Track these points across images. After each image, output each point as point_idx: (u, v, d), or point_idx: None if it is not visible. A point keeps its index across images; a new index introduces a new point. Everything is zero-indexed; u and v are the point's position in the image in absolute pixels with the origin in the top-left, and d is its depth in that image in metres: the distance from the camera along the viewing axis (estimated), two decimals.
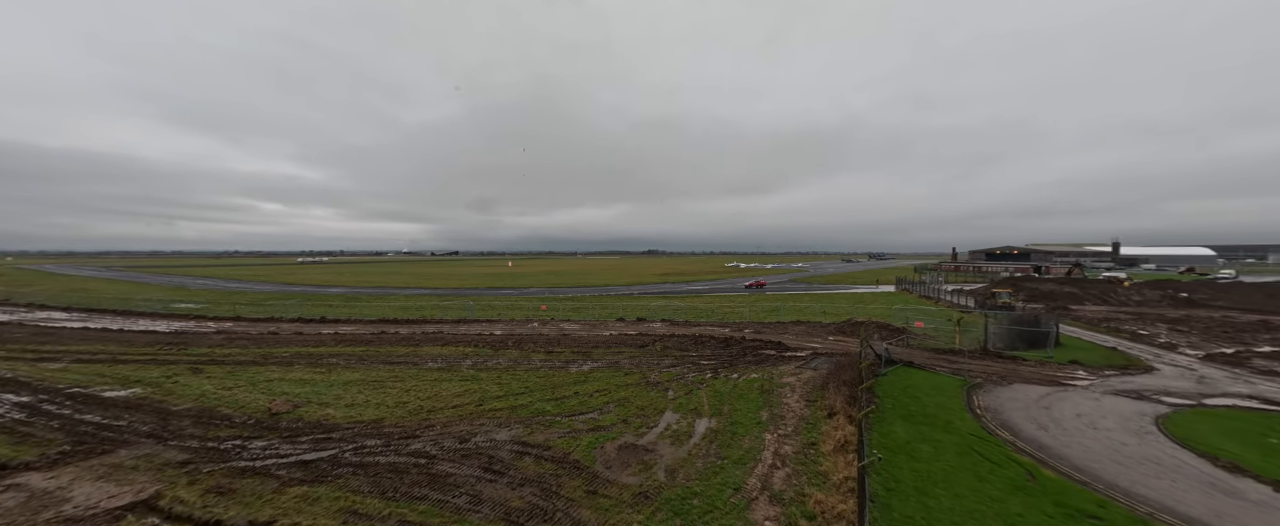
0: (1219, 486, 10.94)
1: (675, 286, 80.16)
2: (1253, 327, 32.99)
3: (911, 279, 77.12)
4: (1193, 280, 74.90)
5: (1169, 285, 64.18)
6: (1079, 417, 15.42)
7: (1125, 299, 51.16)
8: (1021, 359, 23.87)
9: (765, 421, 14.88)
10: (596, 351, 26.00)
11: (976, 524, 9.17)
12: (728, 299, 57.26)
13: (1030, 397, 17.57)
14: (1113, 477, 11.36)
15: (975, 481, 10.83)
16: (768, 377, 20.10)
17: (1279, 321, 35.64)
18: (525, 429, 14.32)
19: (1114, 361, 23.44)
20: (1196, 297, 50.68)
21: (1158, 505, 10.12)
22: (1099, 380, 20.12)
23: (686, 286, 79.87)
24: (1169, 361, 23.71)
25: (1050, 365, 22.64)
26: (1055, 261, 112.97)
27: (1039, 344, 26.08)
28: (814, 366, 22.05)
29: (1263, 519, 9.60)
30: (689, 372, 21.22)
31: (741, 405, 16.51)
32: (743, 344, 27.81)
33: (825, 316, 39.52)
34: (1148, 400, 17.37)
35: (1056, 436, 13.86)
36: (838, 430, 13.47)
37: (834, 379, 18.86)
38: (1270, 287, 60.01)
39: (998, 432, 14.14)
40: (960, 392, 17.95)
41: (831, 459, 11.91)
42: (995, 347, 26.17)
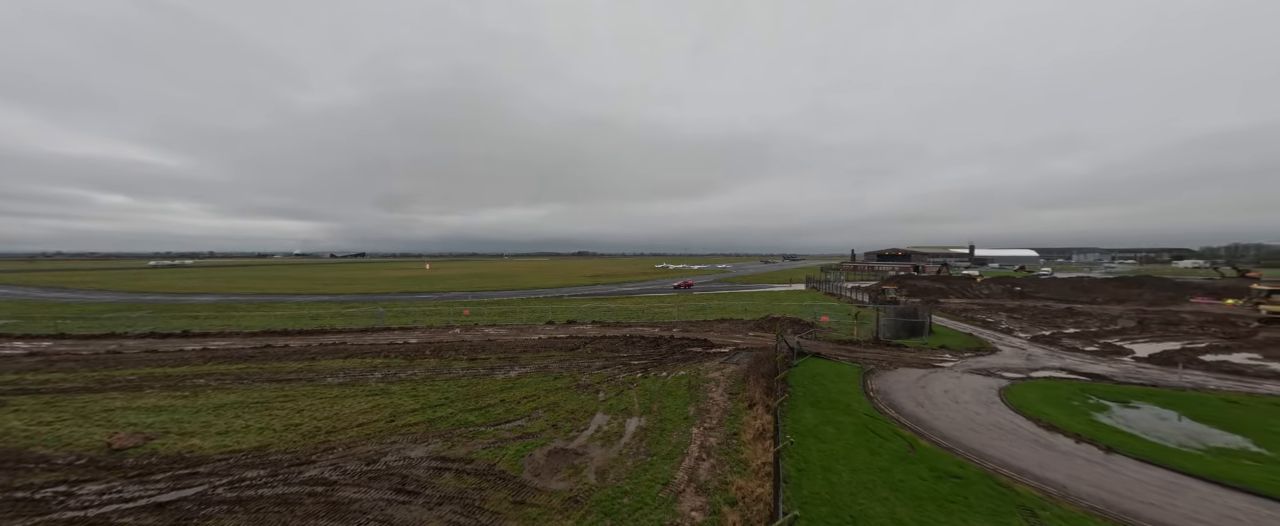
0: (1041, 442, 13.67)
1: (606, 288, 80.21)
2: (1062, 314, 41.72)
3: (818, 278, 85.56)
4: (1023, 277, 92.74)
5: (1007, 281, 78.76)
6: (946, 394, 18.28)
7: (978, 293, 61.72)
8: (904, 346, 27.66)
9: (692, 416, 15.48)
10: (524, 356, 25.09)
11: (869, 492, 10.44)
12: (658, 299, 58.63)
13: (911, 379, 20.43)
14: (970, 442, 13.63)
15: (869, 455, 12.31)
16: (695, 374, 20.94)
17: (1080, 308, 45.52)
18: (445, 443, 13.34)
19: (970, 345, 28.14)
20: (1026, 291, 62.79)
21: (1000, 461, 12.35)
22: (960, 361, 24.02)
23: (617, 288, 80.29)
24: (1007, 343, 29.05)
25: (925, 350, 26.52)
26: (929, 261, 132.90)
27: (917, 332, 30.41)
28: (736, 361, 23.43)
29: (1067, 463, 12.18)
30: (620, 373, 21.34)
31: (670, 402, 17.00)
32: (671, 343, 28.66)
33: (746, 313, 42.23)
34: (994, 376, 21.12)
35: (930, 411, 16.29)
36: (757, 419, 14.46)
37: (753, 372, 20.23)
38: (1073, 281, 76.39)
39: (886, 411, 16.23)
40: (857, 378, 20.30)
41: (751, 446, 12.76)
42: (885, 337, 30.00)
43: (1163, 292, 58.34)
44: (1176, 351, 26.15)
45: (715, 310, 45.48)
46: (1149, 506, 10.11)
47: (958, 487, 10.72)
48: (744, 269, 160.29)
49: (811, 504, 9.91)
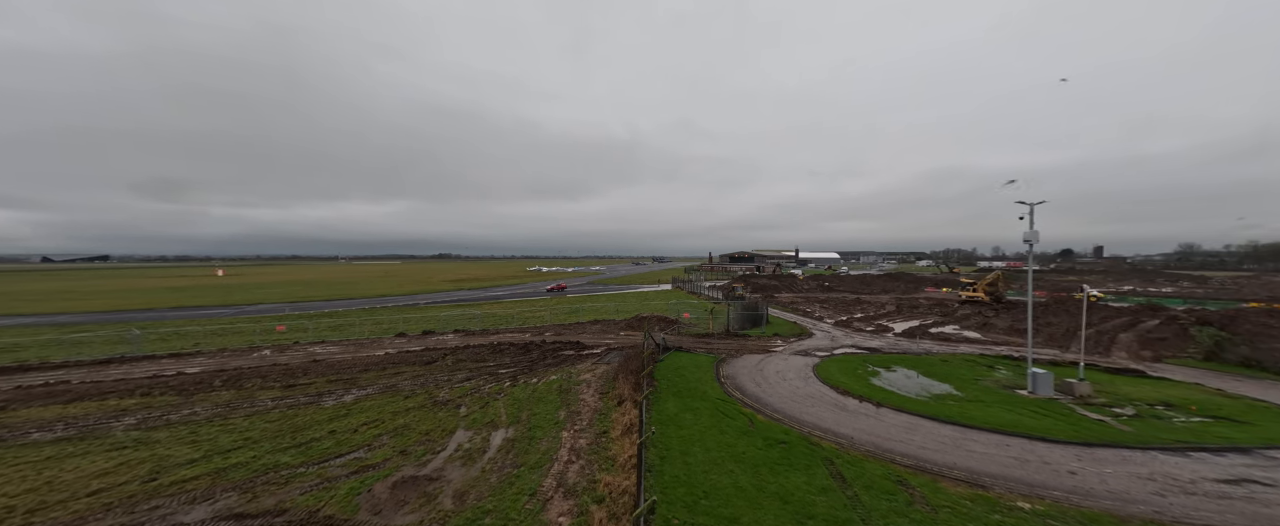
0: (838, 405, 17.43)
1: (472, 293, 73.94)
2: (854, 303, 53.89)
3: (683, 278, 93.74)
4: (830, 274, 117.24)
5: (820, 278, 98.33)
6: (777, 373, 21.90)
7: (801, 288, 75.48)
8: (748, 336, 32.18)
9: (563, 420, 15.35)
10: (365, 376, 21.49)
11: (718, 467, 11.86)
12: (530, 303, 56.53)
13: (752, 364, 23.89)
14: (793, 412, 16.59)
15: (719, 435, 13.99)
16: (567, 377, 20.81)
17: (865, 298, 59.39)
18: (242, 496, 10.56)
19: (795, 331, 34.25)
20: (832, 286, 79.21)
21: (813, 425, 15.34)
22: (788, 346, 29.04)
23: (485, 293, 74.77)
24: (819, 328, 36.24)
25: (764, 338, 31.32)
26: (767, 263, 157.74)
27: (758, 324, 35.70)
28: (608, 361, 24.07)
29: (853, 419, 15.80)
30: (486, 384, 19.93)
31: (541, 408, 16.55)
32: (543, 347, 27.94)
33: (618, 314, 43.72)
34: (810, 355, 26.12)
35: (766, 389, 19.30)
36: (625, 415, 15.10)
37: (623, 370, 21.07)
38: (861, 277, 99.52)
39: (733, 394, 18.66)
40: (712, 367, 22.85)
41: (619, 442, 13.27)
42: (734, 329, 34.43)
43: (910, 285, 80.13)
44: (916, 327, 36.22)
45: (588, 312, 45.96)
46: (899, 442, 13.78)
47: (784, 451, 12.93)
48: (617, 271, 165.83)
49: (671, 486, 10.78)
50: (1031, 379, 18.76)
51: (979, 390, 19.22)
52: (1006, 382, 20.33)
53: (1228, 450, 13.19)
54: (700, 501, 10.16)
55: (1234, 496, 10.64)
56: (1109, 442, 13.61)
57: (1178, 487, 11.06)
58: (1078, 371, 19.87)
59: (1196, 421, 15.51)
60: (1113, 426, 15.01)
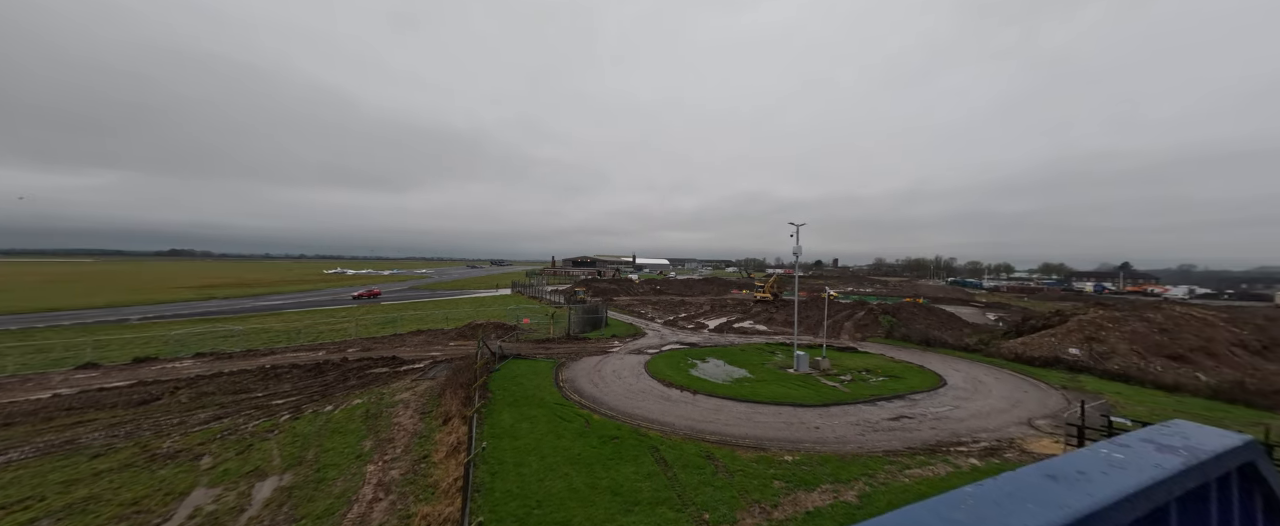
0: (664, 397, 19.49)
1: (232, 303, 55.74)
2: (679, 304, 61.17)
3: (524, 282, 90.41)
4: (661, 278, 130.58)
5: (655, 282, 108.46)
6: (613, 373, 23.16)
7: (637, 291, 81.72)
8: (588, 338, 33.11)
9: (368, 451, 12.94)
10: (9, 433, 13.95)
11: (554, 472, 11.83)
12: (327, 314, 45.86)
13: (591, 365, 24.67)
14: (626, 408, 17.78)
15: (555, 440, 13.96)
16: (377, 400, 17.62)
17: (688, 299, 67.98)
18: None
19: (631, 332, 36.86)
20: (662, 289, 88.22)
21: (643, 418, 16.75)
22: (624, 346, 31.02)
23: (256, 302, 57.34)
24: (651, 328, 39.89)
25: (603, 340, 32.69)
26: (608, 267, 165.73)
27: (598, 326, 37.08)
28: (432, 376, 21.38)
29: (676, 407, 17.92)
30: (248, 421, 15.26)
31: (336, 442, 13.58)
32: (345, 366, 23.02)
33: (448, 322, 39.32)
34: (643, 354, 28.46)
35: (603, 389, 20.17)
36: (452, 434, 13.66)
37: (451, 384, 19.03)
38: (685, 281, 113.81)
39: (572, 397, 18.90)
40: (551, 372, 22.67)
41: (444, 465, 11.91)
42: (575, 332, 34.92)
43: (722, 288, 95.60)
44: (724, 323, 43.40)
45: (410, 321, 40.00)
46: (708, 423, 16.25)
47: (617, 447, 13.73)
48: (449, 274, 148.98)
49: (502, 502, 10.23)
50: (796, 360, 24.61)
51: (764, 372, 24.20)
52: (781, 364, 26.14)
53: (893, 398, 19.88)
54: (533, 512, 9.93)
55: (896, 428, 16.10)
56: (837, 401, 18.90)
57: (870, 426, 16.12)
58: (821, 351, 27.03)
59: (880, 380, 22.90)
60: (839, 389, 20.89)
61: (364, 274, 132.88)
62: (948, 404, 19.22)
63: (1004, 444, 14.84)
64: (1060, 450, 14.42)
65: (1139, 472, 0.52)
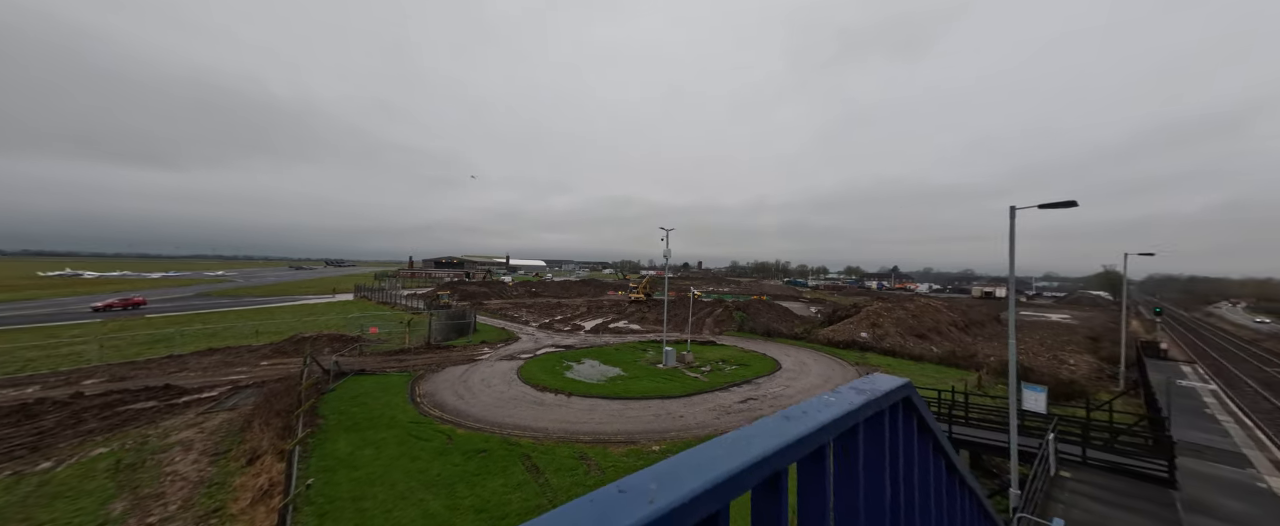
0: (537, 402, 18.93)
1: None
2: (556, 306, 60.12)
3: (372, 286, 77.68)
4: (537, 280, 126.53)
5: (530, 284, 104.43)
6: (482, 381, 21.56)
7: (511, 294, 77.63)
8: (453, 346, 30.15)
9: (118, 517, 9.55)
10: None
11: (405, 500, 10.46)
12: (47, 333, 32.32)
13: (455, 375, 22.52)
14: (496, 418, 16.73)
15: (409, 463, 12.36)
16: (138, 445, 13.13)
17: (565, 302, 67.21)
18: None
19: (503, 337, 34.81)
20: (538, 291, 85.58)
21: (514, 426, 15.98)
22: (495, 352, 29.12)
23: None
24: (525, 332, 38.33)
25: (470, 347, 30.14)
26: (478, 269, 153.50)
27: (465, 332, 34.06)
28: (232, 405, 16.85)
29: (550, 411, 17.58)
30: None
31: (60, 512, 9.69)
32: (75, 405, 16.52)
33: (259, 337, 31.44)
34: (516, 359, 27.15)
35: (469, 400, 18.60)
36: (261, 475, 10.98)
37: (263, 413, 15.28)
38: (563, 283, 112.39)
39: (431, 412, 16.97)
40: (406, 387, 19.98)
41: (247, 516, 9.49)
42: (436, 341, 31.42)
43: (598, 289, 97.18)
44: (600, 323, 44.24)
45: (196, 338, 30.83)
46: (582, 423, 16.37)
47: (484, 461, 12.81)
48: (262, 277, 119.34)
49: None
50: (665, 355, 26.49)
51: (637, 369, 25.43)
52: (652, 360, 27.83)
53: (743, 383, 22.94)
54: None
55: (744, 409, 18.60)
56: (698, 390, 20.96)
57: (723, 410, 18.30)
58: (686, 346, 29.66)
59: (733, 368, 26.18)
60: (701, 379, 23.21)
61: (119, 277, 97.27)
62: (782, 384, 23.00)
63: None
64: None
65: (839, 407, 0.75)
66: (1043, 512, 9.27)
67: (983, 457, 14.54)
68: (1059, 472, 11.32)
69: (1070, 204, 9.96)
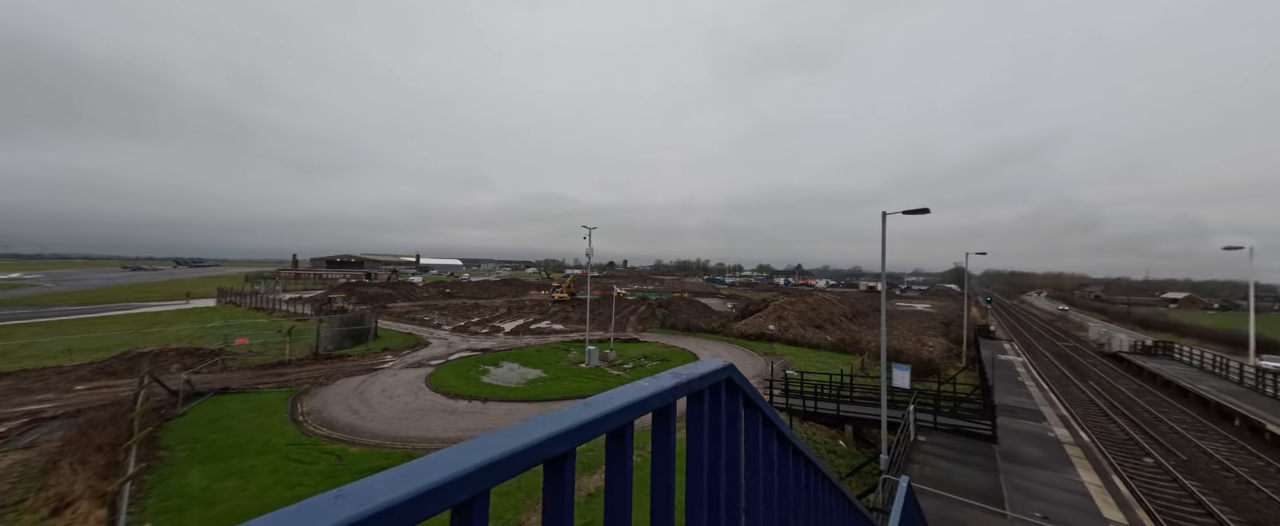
0: (449, 410, 17.62)
1: None
2: (473, 308, 56.55)
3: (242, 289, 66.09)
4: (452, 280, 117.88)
5: (441, 284, 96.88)
6: (383, 393, 19.49)
7: (420, 296, 71.37)
8: (348, 355, 26.84)
9: None
10: None
11: None
12: None
13: (350, 388, 20.07)
14: (399, 431, 15.23)
15: (287, 491, 10.73)
16: None
17: (483, 303, 63.48)
18: None
19: (409, 343, 31.81)
20: (453, 292, 79.83)
21: (418, 438, 14.68)
22: (399, 359, 26.51)
23: None
24: (437, 336, 35.48)
25: (370, 355, 27.08)
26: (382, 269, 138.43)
27: (363, 339, 30.52)
28: (31, 442, 13.21)
29: (462, 419, 16.48)
30: None
31: None
32: None
33: (74, 355, 25.05)
34: (424, 366, 24.98)
35: (365, 415, 16.69)
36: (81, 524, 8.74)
37: (76, 449, 12.17)
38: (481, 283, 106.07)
39: (317, 431, 14.92)
40: (284, 405, 17.32)
41: None
42: (326, 350, 27.71)
43: (520, 289, 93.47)
44: (521, 325, 42.59)
45: None
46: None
47: None
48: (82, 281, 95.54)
49: None
50: (587, 354, 26.32)
51: (559, 369, 24.91)
52: (575, 360, 27.48)
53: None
54: None
55: None
56: None
57: None
58: (609, 344, 29.80)
59: (655, 364, 26.89)
60: (623, 376, 23.47)
61: None
62: None
63: None
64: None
65: (649, 389, 0.80)
66: (904, 473, 10.93)
67: (863, 430, 16.72)
68: (917, 438, 13.44)
69: (924, 211, 11.85)
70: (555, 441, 0.58)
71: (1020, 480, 10.93)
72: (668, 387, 0.89)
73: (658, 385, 0.87)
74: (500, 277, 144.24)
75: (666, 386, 0.91)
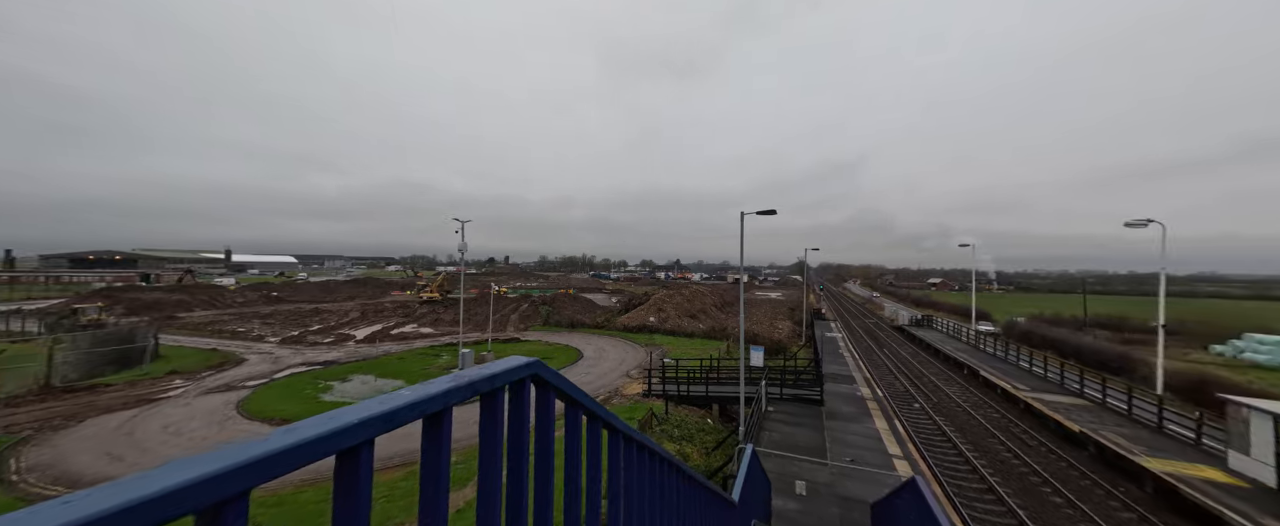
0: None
1: None
2: (311, 314, 47.14)
3: None
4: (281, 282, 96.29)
5: (265, 287, 78.52)
6: (166, 429, 14.93)
7: (232, 301, 56.74)
8: (107, 385, 19.88)
9: None
10: None
11: None
12: None
13: (109, 428, 14.90)
14: None
15: None
16: None
17: (326, 307, 53.39)
18: None
19: (212, 361, 25.01)
20: (283, 295, 65.43)
21: None
22: (196, 383, 20.66)
23: None
24: (258, 350, 28.64)
25: (147, 382, 20.51)
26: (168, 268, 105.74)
27: (133, 361, 22.98)
28: None
29: None
30: None
31: None
32: None
33: None
34: (236, 389, 19.92)
35: (136, 460, 12.58)
36: None
37: None
38: (324, 284, 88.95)
39: (48, 492, 10.73)
40: None
41: None
42: (68, 380, 20.13)
43: (378, 290, 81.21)
44: (378, 331, 37.07)
45: None
46: None
47: None
48: None
49: None
50: (460, 358, 24.19)
51: (426, 378, 22.34)
52: (447, 366, 25.00)
53: None
54: None
55: None
56: None
57: None
58: (487, 346, 27.88)
59: None
60: None
61: None
62: (582, 371, 24.24)
63: (613, 392, 20.19)
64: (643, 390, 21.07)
65: (450, 383, 0.79)
66: (758, 441, 12.64)
67: (728, 407, 18.81)
68: (768, 409, 15.67)
69: (772, 212, 13.81)
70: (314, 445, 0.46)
71: (838, 433, 13.56)
72: (463, 383, 0.82)
73: (450, 383, 0.80)
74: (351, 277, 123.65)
75: (473, 379, 0.84)
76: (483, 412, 0.94)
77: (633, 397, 19.24)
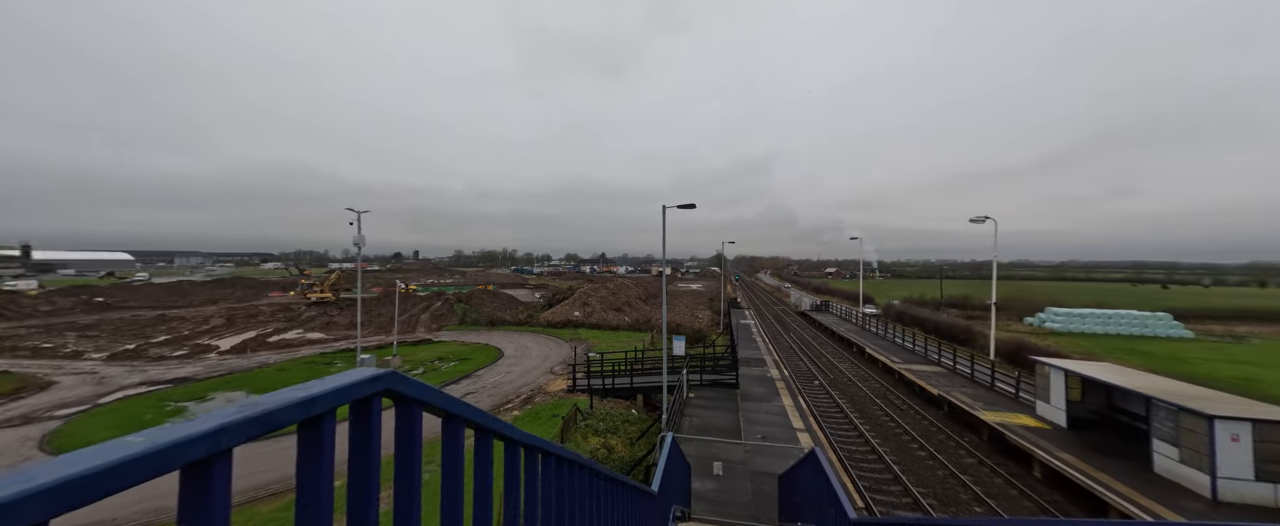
0: None
1: None
2: (154, 322, 38.62)
3: None
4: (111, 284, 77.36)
5: (86, 290, 62.54)
6: None
7: (33, 310, 44.32)
8: None
9: None
10: None
11: None
12: None
13: None
14: None
15: None
16: None
17: (174, 313, 44.07)
18: None
19: (1, 388, 19.28)
20: (112, 301, 52.69)
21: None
22: None
23: None
24: (72, 370, 22.73)
25: None
26: None
27: None
28: None
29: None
30: None
31: None
32: None
33: None
34: (36, 422, 15.58)
35: None
36: None
37: None
38: (172, 286, 73.33)
39: None
40: None
41: None
42: None
43: (251, 291, 69.18)
44: (251, 339, 31.60)
45: None
46: None
47: None
48: None
49: None
50: (360, 365, 21.57)
51: None
52: None
53: (462, 378, 21.58)
54: None
55: None
56: None
57: None
58: (392, 349, 25.25)
59: (452, 364, 24.24)
60: None
61: None
62: (503, 371, 23.10)
63: (536, 390, 19.53)
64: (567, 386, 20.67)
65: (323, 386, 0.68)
66: (680, 427, 13.11)
67: (651, 396, 19.28)
68: (689, 395, 16.34)
69: (691, 206, 14.28)
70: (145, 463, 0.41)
71: (751, 413, 14.61)
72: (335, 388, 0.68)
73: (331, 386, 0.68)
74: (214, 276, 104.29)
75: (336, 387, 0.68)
76: (300, 449, 0.69)
77: (556, 394, 18.81)
